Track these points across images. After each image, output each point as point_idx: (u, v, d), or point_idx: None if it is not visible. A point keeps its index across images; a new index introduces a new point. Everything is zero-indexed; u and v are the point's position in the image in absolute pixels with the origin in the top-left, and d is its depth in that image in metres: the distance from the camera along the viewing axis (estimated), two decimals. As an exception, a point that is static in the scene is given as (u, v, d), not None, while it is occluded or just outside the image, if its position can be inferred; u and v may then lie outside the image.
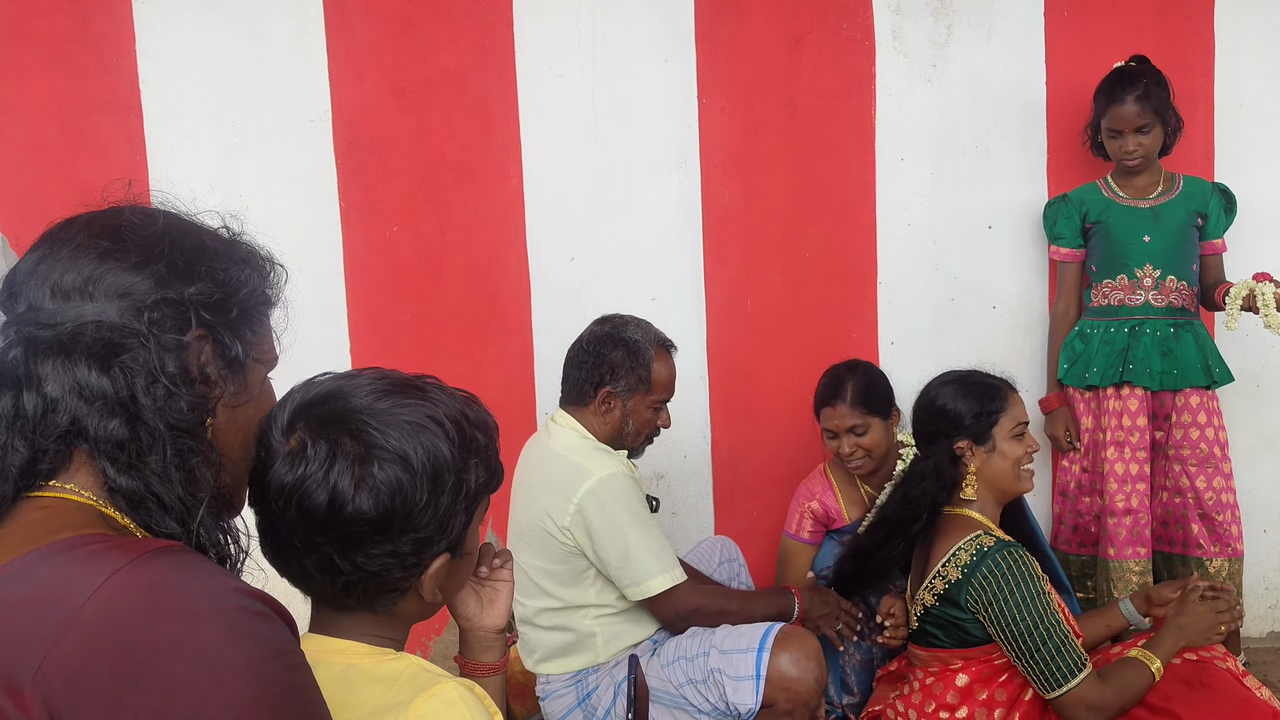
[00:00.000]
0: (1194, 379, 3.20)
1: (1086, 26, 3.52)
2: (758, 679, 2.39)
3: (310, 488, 1.17)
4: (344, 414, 1.20)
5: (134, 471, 1.06)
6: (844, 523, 3.19)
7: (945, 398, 2.48)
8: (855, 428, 3.04)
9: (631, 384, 2.65)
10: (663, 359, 2.69)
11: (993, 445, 2.43)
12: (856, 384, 3.05)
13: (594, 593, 2.63)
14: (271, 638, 0.98)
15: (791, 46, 3.49)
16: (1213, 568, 3.20)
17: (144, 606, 0.93)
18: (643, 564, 2.54)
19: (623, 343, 2.65)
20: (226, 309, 1.15)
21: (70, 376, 1.06)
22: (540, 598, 2.65)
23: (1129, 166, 3.24)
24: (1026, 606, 2.24)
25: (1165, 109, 3.20)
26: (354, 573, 1.20)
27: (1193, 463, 3.21)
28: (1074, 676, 2.22)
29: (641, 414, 2.69)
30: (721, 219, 3.53)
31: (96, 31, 3.28)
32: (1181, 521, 3.24)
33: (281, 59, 3.36)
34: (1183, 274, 3.23)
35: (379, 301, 3.44)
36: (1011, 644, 2.26)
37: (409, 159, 3.42)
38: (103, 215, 1.14)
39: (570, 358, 2.72)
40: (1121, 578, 3.20)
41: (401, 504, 1.18)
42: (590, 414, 2.67)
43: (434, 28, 3.38)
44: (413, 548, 1.21)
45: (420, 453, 1.19)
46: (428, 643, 3.50)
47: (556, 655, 2.67)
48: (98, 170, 3.27)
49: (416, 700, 1.18)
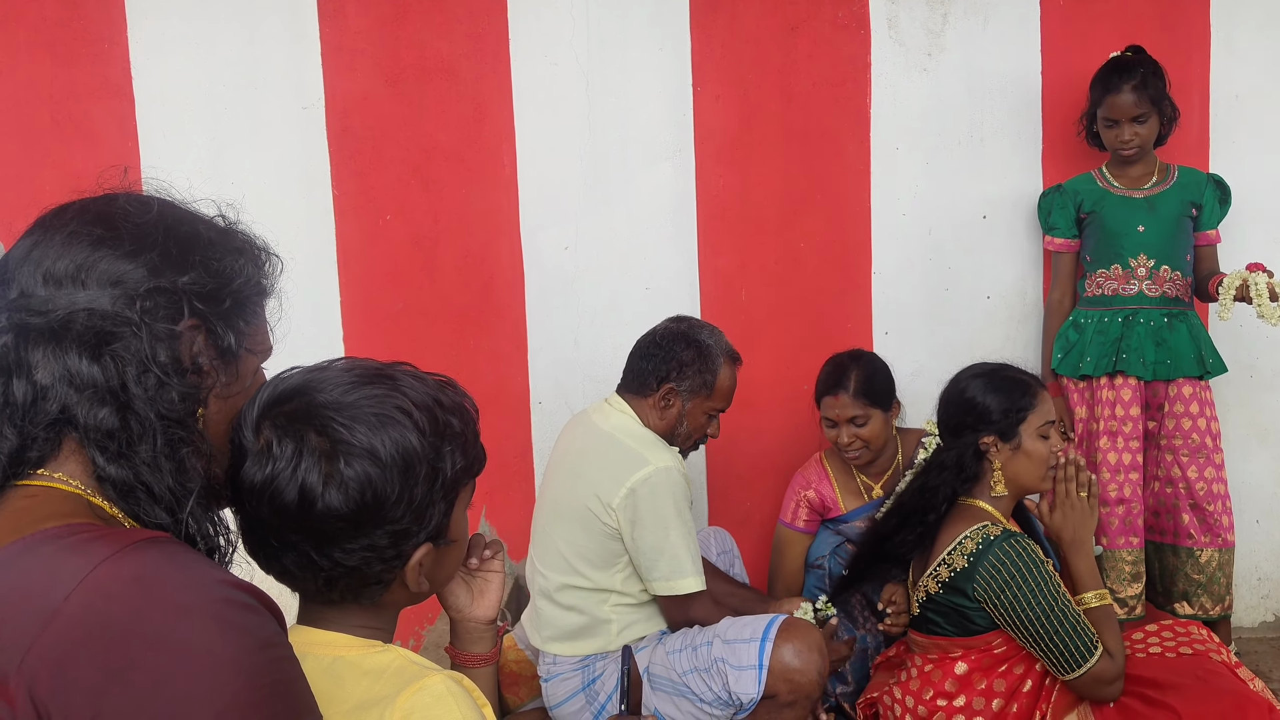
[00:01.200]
0: (1187, 369, 3.20)
1: (1082, 16, 3.51)
2: (760, 669, 2.40)
3: (279, 486, 1.15)
4: (309, 410, 1.18)
5: (123, 460, 1.06)
6: (839, 512, 3.20)
7: (975, 390, 2.46)
8: (856, 418, 3.04)
9: (695, 385, 2.68)
10: (729, 369, 2.73)
11: (1019, 443, 2.42)
12: (860, 374, 3.05)
13: (620, 579, 2.64)
14: (258, 630, 0.97)
15: (787, 35, 3.48)
16: (1203, 558, 3.20)
17: (130, 598, 0.92)
18: (678, 562, 2.56)
19: (695, 343, 2.69)
20: (220, 299, 1.14)
21: (61, 364, 1.05)
22: (568, 574, 2.66)
23: (1124, 156, 3.24)
24: (1037, 594, 2.24)
25: (1161, 99, 3.20)
26: (333, 568, 1.19)
27: (1184, 453, 3.21)
28: (1090, 656, 2.23)
29: (697, 417, 2.72)
30: (716, 208, 3.52)
31: (87, 18, 3.26)
32: (1173, 511, 3.25)
33: (274, 46, 3.34)
34: (1177, 264, 3.23)
35: (372, 290, 3.43)
36: (1025, 631, 2.27)
37: (402, 147, 3.40)
38: (97, 202, 1.13)
39: (639, 348, 2.75)
40: (1114, 567, 3.21)
41: (373, 498, 1.16)
42: (649, 406, 2.69)
43: (428, 14, 3.37)
44: (390, 540, 1.19)
45: (388, 445, 1.17)
46: (420, 632, 3.50)
47: (568, 637, 2.67)
48: (89, 157, 3.26)
49: (404, 693, 1.17)
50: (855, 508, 3.18)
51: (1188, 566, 3.22)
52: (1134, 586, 3.21)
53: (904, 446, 3.22)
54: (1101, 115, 3.23)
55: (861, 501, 3.19)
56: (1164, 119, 3.23)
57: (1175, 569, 3.25)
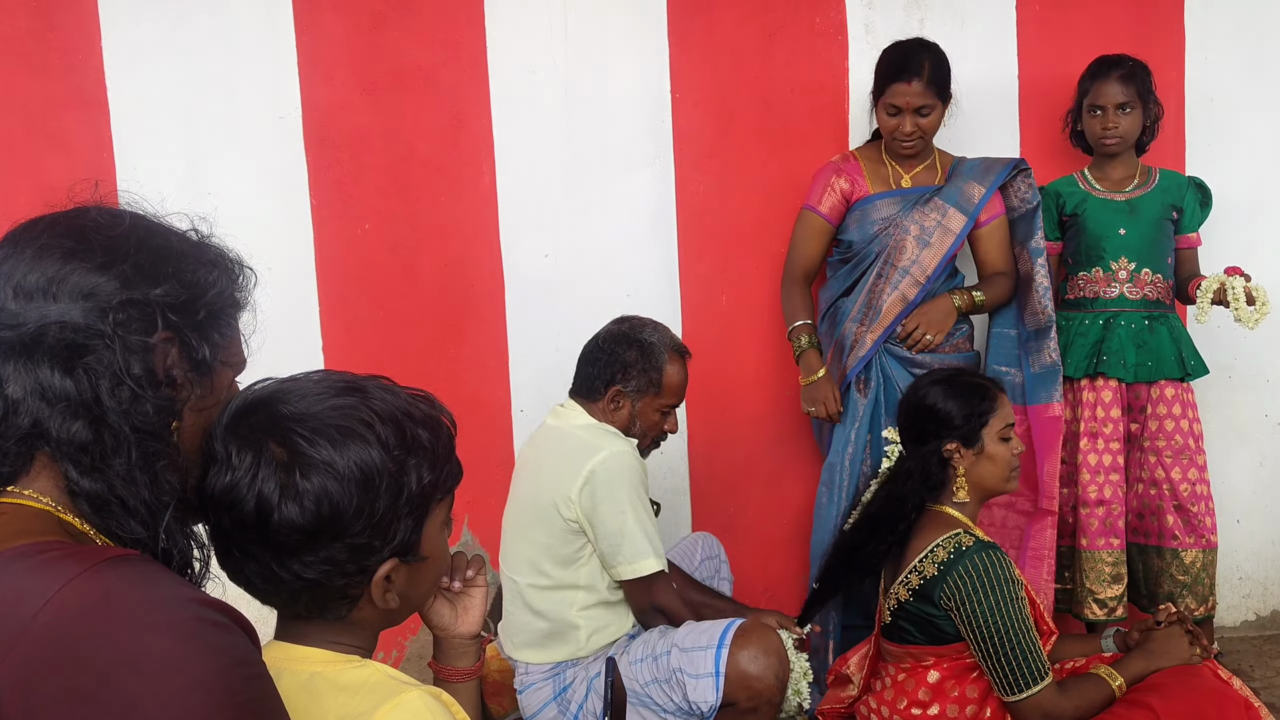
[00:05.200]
0: (1168, 371, 3.21)
1: (1058, 21, 3.54)
2: (717, 675, 2.40)
3: (238, 496, 1.15)
4: (273, 421, 1.17)
5: (97, 474, 1.05)
6: (866, 194, 3.24)
7: (935, 398, 2.47)
8: (922, 108, 3.08)
9: (642, 385, 2.68)
10: (676, 364, 2.73)
11: (981, 447, 2.43)
12: (932, 62, 3.09)
13: (585, 574, 2.63)
14: (231, 648, 0.96)
15: (764, 41, 3.48)
16: (1188, 559, 3.21)
17: (98, 617, 0.91)
18: (637, 543, 2.55)
19: (638, 343, 2.69)
20: (193, 311, 1.13)
21: (32, 378, 1.04)
22: (533, 575, 2.65)
23: (1107, 147, 3.25)
24: (1000, 610, 2.24)
25: (1147, 94, 3.23)
26: (294, 581, 1.18)
27: (1168, 454, 3.22)
28: (1036, 684, 2.23)
29: (649, 416, 2.72)
30: (696, 214, 3.52)
31: (60, 28, 3.23)
32: (1157, 513, 3.25)
33: (250, 55, 3.32)
34: (1158, 267, 3.25)
35: (351, 300, 3.41)
36: (980, 644, 2.27)
37: (380, 155, 3.39)
38: (67, 215, 1.13)
39: (585, 353, 2.76)
40: (1094, 568, 3.21)
41: (330, 511, 1.15)
42: (599, 410, 2.70)
43: (405, 23, 3.35)
44: (349, 555, 1.18)
45: (348, 458, 1.16)
46: (403, 643, 3.48)
47: (537, 644, 2.66)
48: (64, 169, 3.23)
49: (380, 709, 1.16)
50: (881, 191, 3.23)
51: (1172, 568, 3.23)
52: (1115, 588, 3.21)
53: (940, 156, 3.31)
54: (1087, 104, 3.25)
55: (888, 188, 3.24)
56: (1148, 117, 3.25)
57: (1160, 571, 3.26)
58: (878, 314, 3.19)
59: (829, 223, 3.29)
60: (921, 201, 3.22)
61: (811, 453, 3.59)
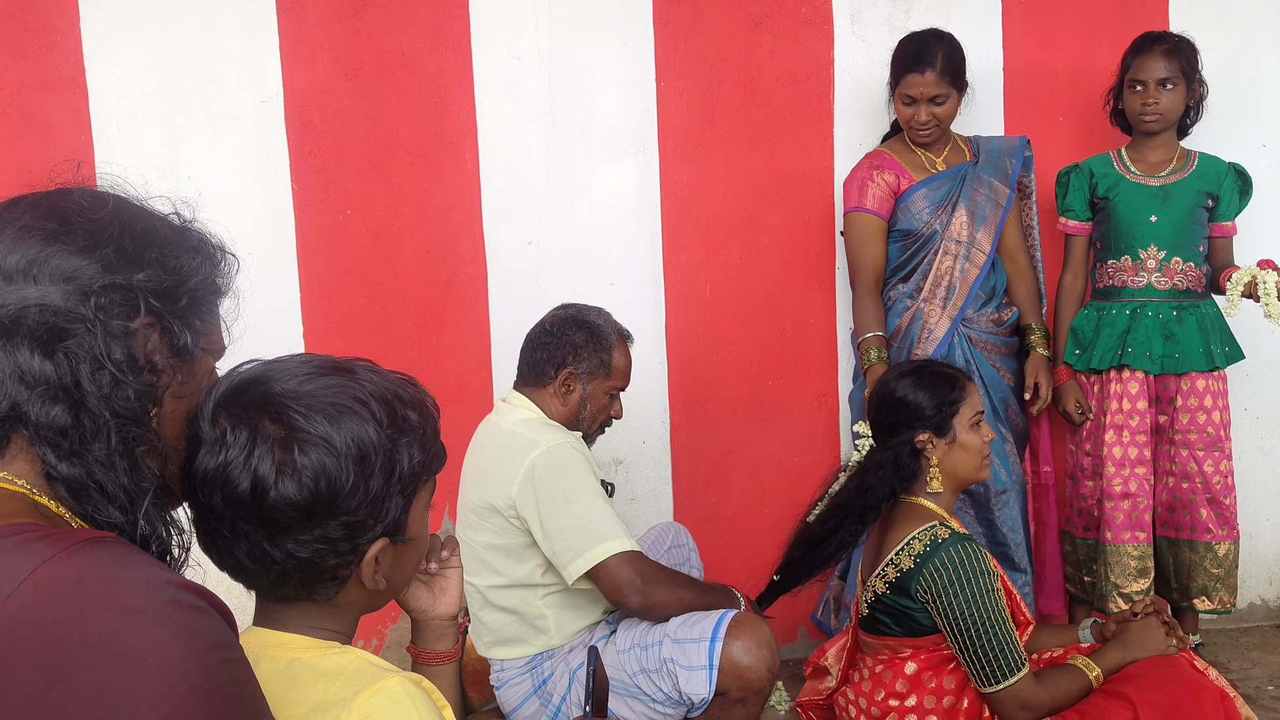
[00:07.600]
0: (1195, 363, 3.17)
1: (1044, 12, 3.55)
2: (710, 668, 2.39)
3: (232, 474, 1.14)
4: (266, 399, 1.16)
5: (76, 459, 1.04)
6: (913, 182, 3.27)
7: (904, 389, 2.48)
8: (937, 98, 3.13)
9: (593, 367, 2.68)
10: (621, 347, 2.75)
11: (953, 436, 2.45)
12: (946, 52, 3.13)
13: (540, 571, 2.60)
14: (206, 631, 0.95)
15: (750, 30, 3.47)
16: (1221, 551, 3.20)
17: (72, 599, 0.90)
18: (594, 528, 2.45)
19: (586, 326, 2.69)
20: (176, 297, 1.13)
21: (11, 360, 1.03)
22: (489, 575, 2.63)
23: (1146, 124, 3.18)
24: (975, 602, 2.26)
25: (1192, 72, 3.17)
26: (286, 560, 1.17)
27: (1200, 447, 3.20)
28: (1012, 675, 2.24)
29: (599, 399, 2.71)
30: (680, 203, 3.51)
31: (38, 7, 3.19)
32: (1189, 506, 3.22)
33: (232, 38, 3.29)
34: (1189, 256, 3.19)
35: (332, 285, 3.39)
36: (956, 637, 2.29)
37: (363, 141, 3.36)
38: (50, 196, 1.11)
39: (530, 340, 2.73)
40: (1119, 562, 3.20)
41: (327, 487, 1.14)
42: (549, 395, 2.68)
43: (388, 7, 3.33)
44: (344, 533, 1.17)
45: (344, 434, 1.16)
46: (383, 630, 3.47)
47: (507, 641, 2.65)
48: (41, 151, 3.19)
49: (361, 695, 1.15)
50: (923, 179, 3.27)
51: (1206, 561, 3.21)
52: (1140, 582, 3.19)
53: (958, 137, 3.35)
54: (1129, 79, 3.19)
55: (929, 173, 3.27)
56: (1191, 96, 3.19)
57: (1193, 564, 3.23)
58: (952, 290, 3.24)
59: (881, 219, 3.29)
60: (971, 178, 3.27)
61: (794, 442, 3.59)
